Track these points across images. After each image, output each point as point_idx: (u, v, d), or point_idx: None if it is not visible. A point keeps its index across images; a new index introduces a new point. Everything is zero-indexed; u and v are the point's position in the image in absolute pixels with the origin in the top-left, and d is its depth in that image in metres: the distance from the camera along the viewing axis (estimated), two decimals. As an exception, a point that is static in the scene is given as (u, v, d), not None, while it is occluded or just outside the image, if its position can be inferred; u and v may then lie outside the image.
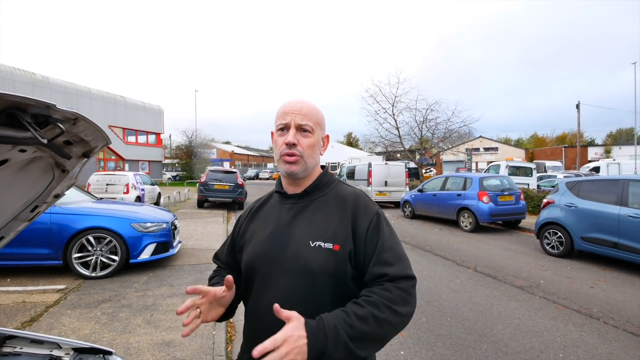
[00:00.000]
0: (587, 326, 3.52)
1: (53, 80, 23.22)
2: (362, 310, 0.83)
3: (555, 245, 6.43)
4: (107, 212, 5.10)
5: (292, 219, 1.00)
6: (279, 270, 0.95)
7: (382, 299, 0.85)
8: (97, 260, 4.69)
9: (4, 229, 1.24)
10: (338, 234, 0.94)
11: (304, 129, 0.98)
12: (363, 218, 0.96)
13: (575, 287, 4.71)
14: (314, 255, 0.92)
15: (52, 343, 1.36)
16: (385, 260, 0.91)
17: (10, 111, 0.66)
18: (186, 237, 7.47)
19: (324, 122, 1.05)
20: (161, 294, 4.15)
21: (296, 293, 0.91)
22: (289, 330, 0.77)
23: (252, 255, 1.02)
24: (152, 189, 13.54)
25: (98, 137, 1.06)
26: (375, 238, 0.94)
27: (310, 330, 0.78)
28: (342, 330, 0.79)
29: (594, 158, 31.44)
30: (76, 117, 0.87)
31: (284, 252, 0.96)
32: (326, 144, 1.08)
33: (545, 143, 53.12)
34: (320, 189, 1.04)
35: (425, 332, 3.36)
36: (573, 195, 6.28)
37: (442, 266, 5.76)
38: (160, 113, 32.29)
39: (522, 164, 17.61)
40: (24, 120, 0.68)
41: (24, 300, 3.81)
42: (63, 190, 1.30)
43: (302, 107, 0.99)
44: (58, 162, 1.09)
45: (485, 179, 9.41)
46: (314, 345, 0.77)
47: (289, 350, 0.75)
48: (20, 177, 1.05)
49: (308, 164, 1.00)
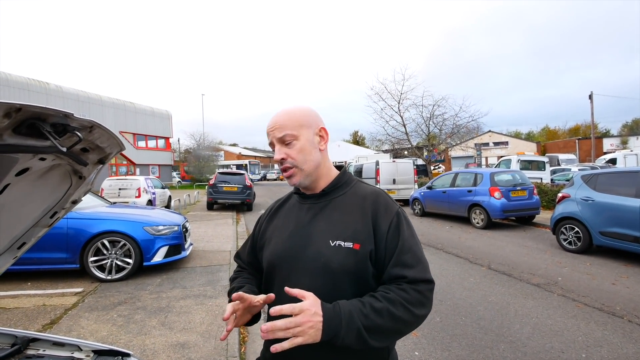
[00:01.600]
0: (610, 325, 3.42)
1: (66, 89, 23.78)
2: (379, 303, 0.84)
3: (572, 241, 6.29)
4: (121, 216, 5.18)
5: (312, 218, 1.01)
6: (299, 269, 0.96)
7: (399, 298, 0.86)
8: (112, 263, 4.76)
9: (25, 235, 1.26)
10: (358, 233, 0.94)
11: (285, 141, 0.97)
12: (384, 218, 0.95)
13: (596, 284, 4.59)
14: (334, 254, 0.92)
15: (72, 345, 1.39)
16: (404, 262, 0.91)
17: (31, 121, 0.66)
18: (197, 239, 7.54)
19: (309, 119, 1.00)
20: (174, 295, 4.19)
21: (317, 292, 0.90)
22: (307, 304, 0.79)
23: (273, 254, 1.02)
24: (163, 193, 13.72)
25: (113, 143, 1.07)
26: (396, 238, 0.93)
27: (327, 312, 0.80)
28: (356, 317, 0.81)
29: (610, 149, 30.68)
30: (92, 125, 0.88)
31: (304, 252, 0.96)
32: (325, 137, 1.04)
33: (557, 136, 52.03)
34: (340, 188, 1.04)
35: (439, 332, 3.31)
36: (590, 189, 6.13)
37: (454, 264, 5.68)
38: (168, 118, 32.74)
39: (534, 157, 17.27)
40: (44, 129, 0.68)
41: (44, 304, 3.89)
42: (80, 196, 1.32)
43: (277, 121, 0.98)
44: (75, 169, 1.10)
45: (496, 174, 9.26)
46: (328, 326, 0.79)
47: (305, 321, 0.77)
48: (40, 184, 1.06)
49: (305, 170, 0.99)
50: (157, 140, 31.72)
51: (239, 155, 55.79)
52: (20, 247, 1.30)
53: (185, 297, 4.12)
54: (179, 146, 45.18)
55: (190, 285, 4.59)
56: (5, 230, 1.15)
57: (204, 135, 36.82)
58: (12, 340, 1.35)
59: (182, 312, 3.68)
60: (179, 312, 3.68)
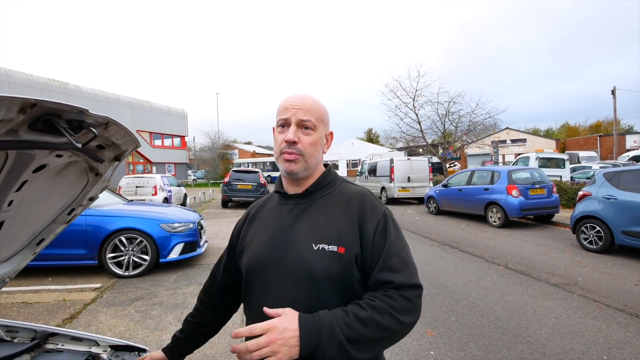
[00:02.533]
0: (633, 326, 3.29)
1: (85, 89, 24.51)
2: (363, 312, 0.79)
3: (593, 240, 6.07)
4: (138, 213, 5.30)
5: (293, 220, 0.95)
6: (280, 275, 0.89)
7: (386, 305, 0.80)
8: (130, 259, 4.88)
9: (44, 231, 1.30)
10: (343, 236, 0.88)
11: (305, 126, 0.92)
12: (370, 220, 0.90)
13: (618, 285, 4.42)
14: (317, 258, 0.86)
15: (90, 340, 1.42)
16: (391, 266, 0.86)
17: (47, 117, 0.67)
18: (212, 236, 7.64)
19: (327, 119, 0.99)
20: (190, 292, 4.26)
21: (300, 299, 0.85)
22: (274, 321, 0.75)
23: (252, 259, 0.96)
24: (179, 190, 13.99)
25: (128, 140, 1.08)
26: (383, 242, 0.88)
27: (304, 325, 0.76)
28: (337, 329, 0.76)
29: (633, 147, 29.43)
30: (107, 122, 0.88)
31: (285, 256, 0.90)
32: (330, 142, 1.02)
33: (577, 132, 50.26)
34: (324, 188, 0.98)
35: (455, 331, 3.26)
36: (612, 187, 5.90)
37: (470, 263, 5.57)
38: (184, 116, 33.32)
39: (553, 155, 16.77)
40: (59, 125, 0.69)
41: (64, 299, 4.02)
42: (97, 193, 1.34)
43: (304, 102, 0.93)
44: (92, 165, 1.12)
45: (514, 172, 9.03)
46: (306, 339, 0.74)
47: (272, 340, 0.72)
48: (57, 181, 1.08)
49: (309, 163, 0.94)
50: (173, 138, 32.34)
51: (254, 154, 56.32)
52: (39, 243, 1.33)
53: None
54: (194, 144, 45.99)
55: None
56: (24, 227, 1.18)
57: (218, 133, 37.35)
58: (32, 334, 1.39)
59: (196, 308, 3.73)
60: (193, 308, 3.74)
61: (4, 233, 1.05)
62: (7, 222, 1.02)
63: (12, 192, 0.91)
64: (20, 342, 1.34)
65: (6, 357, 1.19)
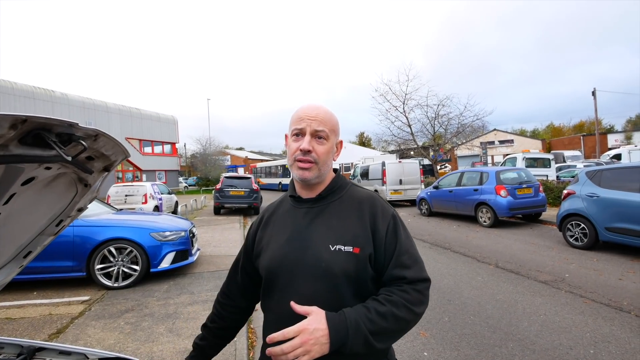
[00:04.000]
0: (618, 320, 3.39)
1: (71, 97, 24.08)
2: (383, 307, 0.88)
3: (578, 237, 6.22)
4: (127, 222, 5.22)
5: (309, 223, 1.01)
6: (300, 274, 0.96)
7: (402, 299, 0.90)
8: (119, 270, 4.80)
9: (31, 243, 1.28)
10: (357, 237, 0.96)
11: (319, 136, 0.99)
12: (381, 221, 0.99)
13: (603, 280, 4.54)
14: (335, 259, 0.94)
15: (79, 354, 1.40)
16: (403, 263, 0.95)
17: (37, 132, 0.68)
18: (204, 244, 7.57)
19: (338, 128, 1.07)
20: (182, 302, 4.21)
21: (319, 296, 0.93)
22: (304, 323, 0.82)
23: (272, 261, 1.02)
24: (170, 198, 13.81)
25: (117, 151, 1.09)
26: (394, 241, 0.97)
27: (332, 323, 0.83)
28: (362, 324, 0.84)
29: (615, 145, 30.24)
30: (97, 134, 0.89)
31: (304, 257, 0.97)
32: (339, 149, 1.09)
33: (562, 132, 51.45)
34: (335, 192, 1.05)
35: (448, 331, 3.30)
36: (594, 185, 6.07)
37: (462, 263, 5.65)
38: (174, 123, 33.01)
39: (539, 155, 17.13)
40: (49, 139, 0.70)
41: (50, 313, 3.93)
42: (86, 204, 1.34)
43: (319, 114, 1.00)
44: (81, 177, 1.12)
45: (502, 173, 9.21)
46: (335, 336, 0.81)
47: (305, 341, 0.79)
48: (45, 193, 1.08)
49: (322, 171, 1.01)
50: (163, 145, 31.97)
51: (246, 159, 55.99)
52: (26, 256, 1.32)
53: (193, 303, 4.14)
54: (185, 151, 45.54)
55: (198, 290, 4.61)
56: (11, 239, 1.17)
57: (210, 140, 37.08)
58: (18, 350, 1.36)
59: (189, 318, 3.69)
60: (186, 318, 3.70)
61: None
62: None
63: (0, 206, 0.91)
64: (5, 358, 1.32)
65: None
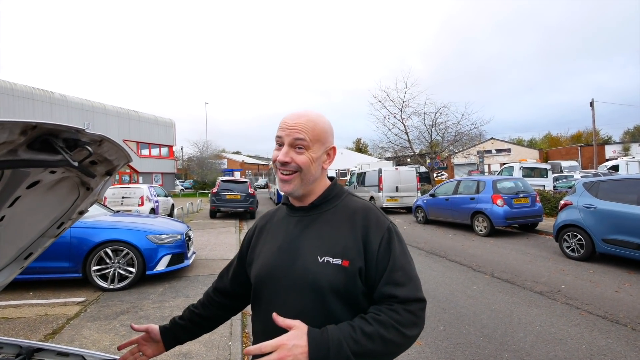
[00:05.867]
0: (614, 333, 3.40)
1: (70, 99, 24.05)
2: (369, 327, 0.81)
3: (575, 249, 6.25)
4: (124, 224, 5.21)
5: (300, 232, 0.98)
6: (287, 286, 0.93)
7: (391, 320, 0.83)
8: (115, 272, 4.78)
9: (32, 245, 1.29)
10: (348, 250, 0.91)
11: (298, 146, 0.93)
12: (374, 234, 0.92)
13: (599, 292, 4.55)
14: (322, 271, 0.89)
15: (77, 355, 1.40)
16: (395, 280, 0.88)
17: (45, 137, 0.69)
18: (200, 247, 7.55)
19: (326, 136, 0.98)
20: (177, 304, 4.19)
21: (305, 310, 0.89)
22: (283, 338, 0.77)
23: (261, 270, 1.00)
24: (166, 201, 13.79)
25: (120, 155, 1.10)
26: (387, 256, 0.90)
27: (313, 341, 0.78)
28: (345, 344, 0.78)
29: (612, 156, 30.55)
30: (102, 139, 0.91)
31: (292, 268, 0.93)
32: (332, 156, 1.02)
33: (559, 142, 51.87)
34: (329, 201, 1.01)
35: (443, 340, 3.29)
36: (591, 196, 6.12)
37: (457, 272, 5.65)
38: (172, 126, 33.03)
39: (536, 164, 17.25)
40: (56, 145, 0.72)
41: (46, 313, 3.90)
42: (87, 207, 1.35)
43: (298, 122, 0.93)
44: (83, 180, 1.13)
45: (498, 182, 9.26)
46: (315, 355, 0.76)
47: (281, 357, 0.74)
48: (48, 196, 1.10)
49: (304, 181, 0.96)
50: (161, 148, 31.93)
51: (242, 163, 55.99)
52: (27, 258, 1.33)
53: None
54: (182, 154, 45.52)
55: (193, 294, 4.59)
56: (14, 241, 1.18)
57: (207, 143, 37.11)
58: (16, 350, 1.37)
59: (184, 321, 3.67)
60: (181, 321, 3.67)
61: None
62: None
63: (5, 208, 0.92)
64: (4, 358, 1.32)
65: None
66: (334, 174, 1.15)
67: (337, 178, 1.11)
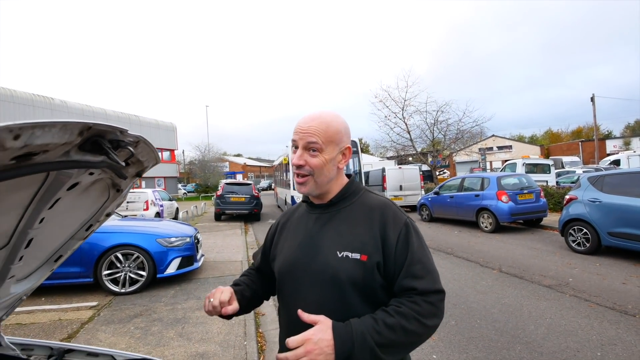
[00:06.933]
0: (623, 323, 3.42)
1: (71, 104, 24.17)
2: (391, 319, 0.85)
3: (581, 242, 6.26)
4: (134, 229, 5.25)
5: (320, 229, 1.02)
6: (308, 280, 0.97)
7: (412, 311, 0.86)
8: (126, 276, 4.82)
9: (63, 247, 1.33)
10: (366, 245, 0.94)
11: (312, 148, 0.97)
12: (392, 229, 0.95)
13: (607, 284, 4.57)
14: (341, 265, 0.93)
15: (106, 355, 1.43)
16: (414, 273, 0.91)
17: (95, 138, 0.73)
18: (207, 250, 7.58)
19: (339, 136, 1.00)
20: (190, 306, 4.23)
21: (326, 303, 0.92)
22: (309, 333, 0.81)
23: (283, 265, 1.05)
24: (171, 205, 13.83)
25: (151, 157, 1.14)
26: (405, 250, 0.93)
27: (338, 334, 0.81)
28: (369, 336, 0.82)
29: (613, 151, 30.44)
30: (138, 140, 0.95)
31: (312, 263, 0.97)
32: (348, 156, 1.05)
33: (560, 138, 51.69)
34: (347, 198, 1.04)
35: (455, 334, 3.32)
36: (596, 190, 6.13)
37: (465, 268, 5.67)
38: (173, 130, 33.13)
39: (539, 160, 17.25)
40: (105, 145, 0.75)
41: (60, 318, 3.94)
42: (114, 209, 1.38)
43: (311, 125, 0.96)
44: (115, 182, 1.17)
45: (503, 178, 9.28)
46: (340, 348, 0.80)
47: (310, 350, 0.78)
48: (82, 198, 1.13)
49: (318, 182, 0.99)
50: (162, 152, 32.01)
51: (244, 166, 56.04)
52: (57, 260, 1.36)
53: (201, 308, 4.15)
54: (183, 158, 45.62)
55: (205, 295, 4.62)
56: (47, 243, 1.20)
57: (208, 146, 37.20)
58: (47, 352, 1.40)
59: (198, 322, 3.71)
60: (195, 322, 3.71)
61: (30, 250, 1.08)
62: (34, 239, 1.06)
63: (45, 210, 0.96)
64: (36, 359, 1.36)
65: None
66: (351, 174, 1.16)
67: (354, 176, 1.13)
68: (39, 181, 0.80)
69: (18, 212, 0.86)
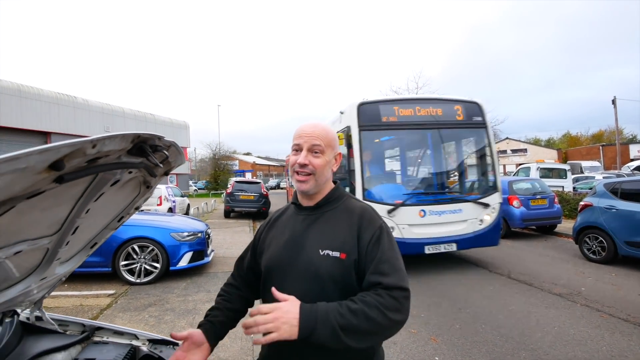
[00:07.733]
0: (636, 335, 3.38)
1: (92, 103, 24.92)
2: (355, 305, 0.92)
3: (596, 251, 6.16)
4: (149, 222, 5.45)
5: (305, 229, 1.12)
6: (293, 275, 1.07)
7: (375, 301, 0.93)
8: (142, 267, 5.02)
9: (98, 235, 1.47)
10: (345, 244, 1.05)
11: (315, 150, 1.09)
12: (367, 230, 1.06)
13: (622, 295, 4.51)
14: (323, 262, 1.03)
15: (131, 334, 1.58)
16: (381, 270, 0.99)
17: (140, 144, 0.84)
18: (217, 245, 7.77)
19: (335, 143, 1.16)
20: (200, 299, 4.38)
21: (308, 297, 0.98)
22: (280, 304, 0.91)
23: (270, 260, 1.15)
24: (182, 201, 14.17)
25: (178, 158, 1.25)
26: (376, 249, 1.02)
27: (304, 311, 0.90)
28: (332, 316, 0.89)
29: (637, 156, 29.50)
30: (170, 144, 1.05)
31: (297, 260, 1.08)
32: (338, 161, 1.19)
33: (579, 142, 50.31)
34: (331, 202, 1.15)
35: (459, 338, 3.36)
36: (613, 197, 6.02)
37: (473, 272, 5.67)
38: (186, 128, 33.76)
39: (554, 165, 16.90)
40: (148, 150, 0.86)
41: (81, 304, 4.15)
42: (142, 203, 1.51)
43: (314, 131, 1.10)
44: (146, 179, 1.29)
45: (514, 183, 9.17)
46: (304, 322, 0.88)
47: (276, 317, 0.87)
48: (118, 193, 1.25)
49: (319, 181, 1.11)
50: (176, 149, 32.62)
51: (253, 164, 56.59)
52: (93, 247, 1.50)
53: (210, 301, 4.30)
54: (195, 155, 46.41)
55: (214, 289, 4.77)
56: (87, 231, 1.34)
57: (219, 145, 37.75)
58: (81, 328, 1.56)
59: (209, 314, 3.85)
60: (205, 314, 3.85)
61: (75, 236, 1.22)
62: (79, 227, 1.19)
63: (92, 202, 1.08)
64: (71, 334, 1.51)
65: (61, 347, 1.37)
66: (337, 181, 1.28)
67: (339, 183, 1.25)
68: (90, 178, 0.91)
69: (71, 203, 0.99)
